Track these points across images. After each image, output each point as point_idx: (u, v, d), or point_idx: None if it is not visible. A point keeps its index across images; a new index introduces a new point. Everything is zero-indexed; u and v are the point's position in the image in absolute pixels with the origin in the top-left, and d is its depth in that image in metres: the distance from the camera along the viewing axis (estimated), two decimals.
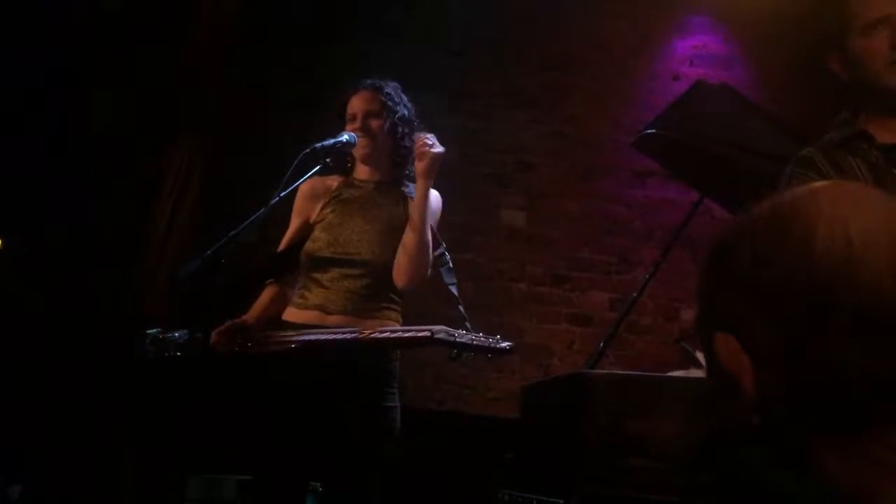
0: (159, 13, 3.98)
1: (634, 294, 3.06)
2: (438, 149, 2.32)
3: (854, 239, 0.65)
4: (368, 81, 2.52)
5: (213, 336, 2.30)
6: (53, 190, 3.73)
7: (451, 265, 2.48)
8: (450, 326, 2.20)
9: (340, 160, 2.47)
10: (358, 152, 2.44)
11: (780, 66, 4.69)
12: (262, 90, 4.38)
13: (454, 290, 2.44)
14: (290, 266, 2.49)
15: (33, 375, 3.44)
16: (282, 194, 2.28)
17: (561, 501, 2.20)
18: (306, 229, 2.50)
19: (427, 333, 2.17)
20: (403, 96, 2.54)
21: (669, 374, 2.48)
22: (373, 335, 2.24)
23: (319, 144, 2.33)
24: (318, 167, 2.37)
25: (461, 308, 2.36)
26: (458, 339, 2.16)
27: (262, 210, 2.27)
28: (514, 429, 3.18)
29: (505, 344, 2.19)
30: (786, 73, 4.65)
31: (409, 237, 2.33)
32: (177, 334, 2.41)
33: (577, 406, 2.20)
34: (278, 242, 2.54)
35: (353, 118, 2.45)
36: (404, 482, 3.42)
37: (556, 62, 4.75)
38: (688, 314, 4.42)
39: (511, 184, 4.64)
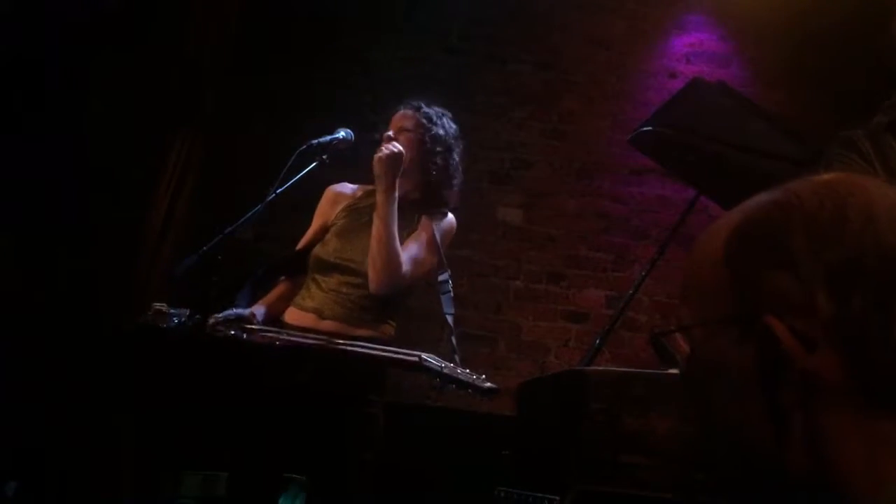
0: (158, 11, 3.97)
1: (631, 291, 3.06)
2: (386, 151, 2.32)
3: None
4: (410, 102, 2.53)
5: (212, 320, 2.30)
6: (51, 186, 3.72)
7: (452, 294, 2.48)
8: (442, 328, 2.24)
9: (339, 158, 2.48)
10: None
11: (777, 64, 4.69)
12: (259, 87, 4.37)
13: (450, 319, 2.44)
14: (304, 266, 2.51)
15: (31, 371, 3.43)
16: (278, 191, 2.28)
17: (557, 498, 2.21)
18: (324, 232, 2.52)
19: (415, 359, 2.23)
20: (447, 121, 2.55)
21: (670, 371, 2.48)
22: (362, 350, 2.26)
23: (316, 141, 2.34)
24: (314, 164, 2.37)
25: (453, 340, 2.38)
26: (444, 371, 2.22)
27: (258, 207, 2.27)
28: (509, 426, 3.18)
29: (488, 385, 2.25)
30: (782, 71, 4.65)
31: (372, 240, 2.34)
32: (178, 311, 2.42)
33: (573, 403, 2.20)
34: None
35: (390, 137, 2.46)
36: (399, 479, 3.42)
37: (553, 60, 4.75)
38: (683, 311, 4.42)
39: (508, 181, 4.64)
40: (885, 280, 0.66)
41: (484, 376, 2.26)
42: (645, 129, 2.97)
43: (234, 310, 2.33)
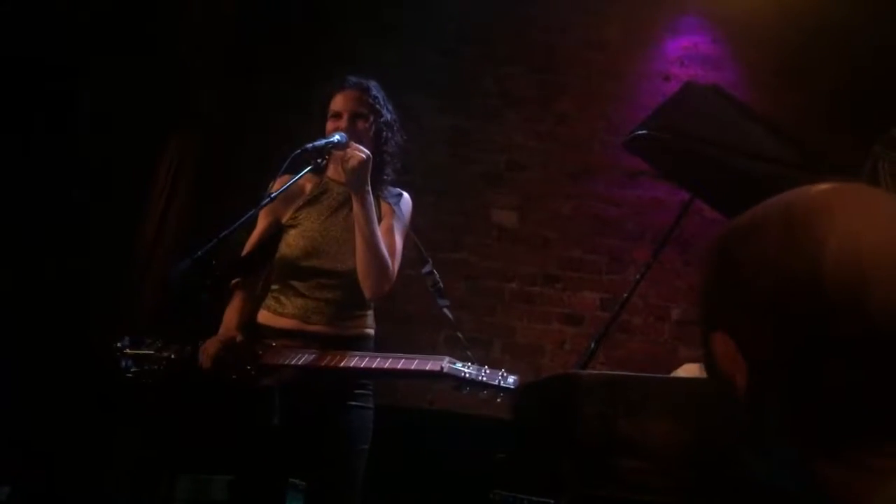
0: (153, 14, 3.96)
1: (625, 294, 3.06)
2: (356, 159, 2.29)
3: (865, 258, 0.63)
4: (353, 80, 2.51)
5: (205, 361, 2.28)
6: (44, 188, 3.71)
7: (441, 285, 2.47)
8: (441, 329, 2.21)
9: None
10: (340, 152, 2.43)
11: (770, 67, 4.70)
12: (253, 90, 4.37)
13: (448, 312, 2.44)
14: (258, 265, 2.49)
15: (22, 375, 3.42)
16: (273, 195, 2.27)
17: (552, 502, 2.21)
18: (275, 229, 2.49)
19: (437, 368, 2.17)
20: (385, 98, 2.54)
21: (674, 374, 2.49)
22: (381, 365, 2.23)
23: (311, 145, 2.33)
24: (308, 167, 2.36)
25: (460, 335, 2.37)
26: (466, 377, 2.17)
27: (252, 211, 2.27)
28: (505, 429, 3.18)
29: (511, 380, 2.20)
30: (775, 74, 4.67)
31: (358, 248, 2.34)
32: (149, 346, 2.38)
33: (568, 406, 2.20)
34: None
35: (339, 116, 2.45)
36: (396, 482, 3.42)
37: (547, 62, 4.75)
38: (678, 314, 4.44)
39: (502, 184, 4.64)
40: (820, 321, 0.63)
41: (503, 371, 2.20)
42: (639, 132, 2.96)
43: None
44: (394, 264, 2.40)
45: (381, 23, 4.61)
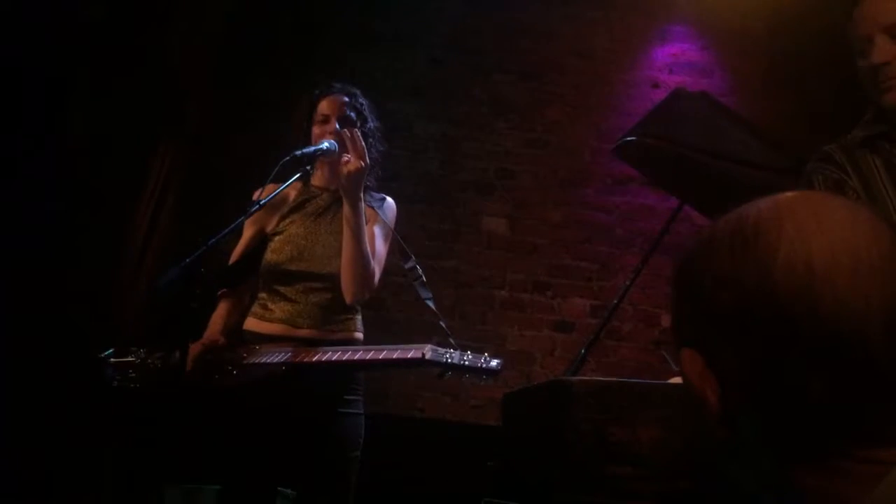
0: (141, 22, 3.95)
1: (615, 300, 3.07)
2: (354, 165, 2.29)
3: (815, 263, 0.64)
4: (338, 85, 2.52)
5: (188, 364, 2.25)
6: (32, 197, 3.69)
7: (423, 279, 2.47)
8: (432, 336, 2.20)
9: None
10: (326, 158, 2.43)
11: (758, 74, 4.73)
12: (242, 98, 4.36)
13: (431, 304, 2.44)
14: (244, 276, 2.50)
15: (7, 384, 3.39)
16: (262, 202, 2.27)
17: None
18: (260, 238, 2.50)
19: (418, 355, 2.16)
20: (369, 104, 2.55)
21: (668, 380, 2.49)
22: (363, 356, 2.23)
23: (300, 152, 2.33)
24: (297, 175, 2.36)
25: (443, 324, 2.36)
26: (448, 361, 2.15)
27: (241, 218, 2.26)
28: (495, 436, 3.17)
29: (495, 363, 2.17)
30: (763, 81, 4.69)
31: (344, 253, 2.34)
32: (133, 355, 2.37)
33: (558, 413, 2.19)
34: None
35: (326, 120, 2.45)
36: (386, 490, 3.40)
37: (536, 70, 4.77)
38: (668, 320, 4.44)
39: (492, 191, 4.65)
40: (775, 330, 0.64)
41: (486, 355, 2.18)
42: (628, 139, 2.98)
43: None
44: (377, 270, 2.40)
45: (370, 31, 4.62)
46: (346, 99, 2.48)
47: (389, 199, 2.57)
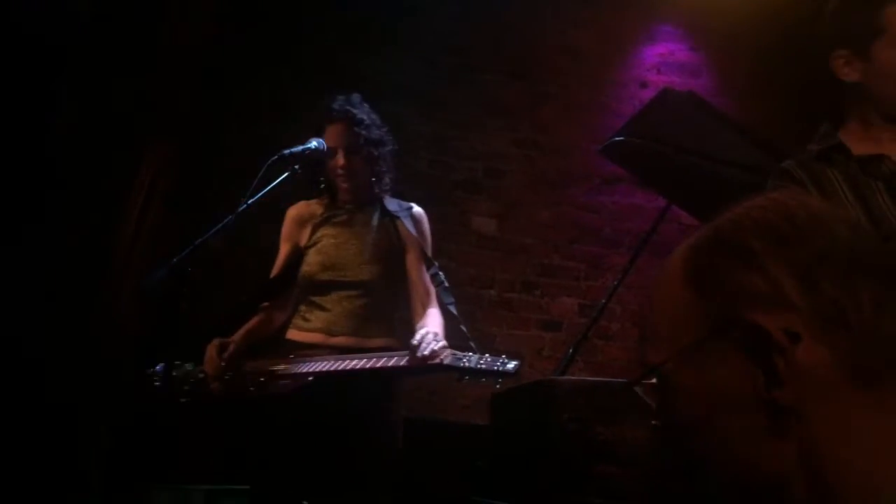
0: (131, 17, 3.93)
1: (603, 300, 3.08)
2: (428, 350, 2.21)
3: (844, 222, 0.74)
4: (336, 108, 2.51)
5: (210, 370, 2.35)
6: (19, 193, 3.66)
7: (446, 284, 2.51)
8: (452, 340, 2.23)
9: (308, 169, 2.48)
10: (342, 185, 2.52)
11: (746, 75, 4.75)
12: (231, 98, 4.34)
13: (453, 308, 2.46)
14: (283, 290, 2.55)
15: None
16: (250, 202, 2.26)
17: None
18: (296, 254, 2.56)
19: (437, 361, 2.18)
20: (369, 111, 2.56)
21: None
22: (381, 363, 2.24)
23: (288, 151, 2.33)
24: (286, 174, 2.36)
25: (464, 328, 2.37)
26: (465, 365, 2.17)
27: (229, 217, 2.25)
28: (484, 436, 3.18)
29: (511, 365, 2.18)
30: (751, 81, 4.72)
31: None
32: (179, 368, 2.46)
33: (546, 413, 2.20)
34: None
35: (334, 153, 2.49)
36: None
37: (526, 70, 4.77)
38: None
39: (482, 191, 4.65)
40: (846, 266, 0.70)
41: (504, 357, 2.19)
42: (616, 139, 2.99)
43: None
44: (433, 296, 2.50)
45: (360, 32, 4.61)
46: (346, 126, 2.49)
47: (417, 208, 2.61)
